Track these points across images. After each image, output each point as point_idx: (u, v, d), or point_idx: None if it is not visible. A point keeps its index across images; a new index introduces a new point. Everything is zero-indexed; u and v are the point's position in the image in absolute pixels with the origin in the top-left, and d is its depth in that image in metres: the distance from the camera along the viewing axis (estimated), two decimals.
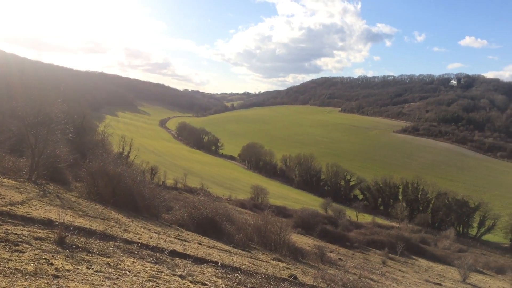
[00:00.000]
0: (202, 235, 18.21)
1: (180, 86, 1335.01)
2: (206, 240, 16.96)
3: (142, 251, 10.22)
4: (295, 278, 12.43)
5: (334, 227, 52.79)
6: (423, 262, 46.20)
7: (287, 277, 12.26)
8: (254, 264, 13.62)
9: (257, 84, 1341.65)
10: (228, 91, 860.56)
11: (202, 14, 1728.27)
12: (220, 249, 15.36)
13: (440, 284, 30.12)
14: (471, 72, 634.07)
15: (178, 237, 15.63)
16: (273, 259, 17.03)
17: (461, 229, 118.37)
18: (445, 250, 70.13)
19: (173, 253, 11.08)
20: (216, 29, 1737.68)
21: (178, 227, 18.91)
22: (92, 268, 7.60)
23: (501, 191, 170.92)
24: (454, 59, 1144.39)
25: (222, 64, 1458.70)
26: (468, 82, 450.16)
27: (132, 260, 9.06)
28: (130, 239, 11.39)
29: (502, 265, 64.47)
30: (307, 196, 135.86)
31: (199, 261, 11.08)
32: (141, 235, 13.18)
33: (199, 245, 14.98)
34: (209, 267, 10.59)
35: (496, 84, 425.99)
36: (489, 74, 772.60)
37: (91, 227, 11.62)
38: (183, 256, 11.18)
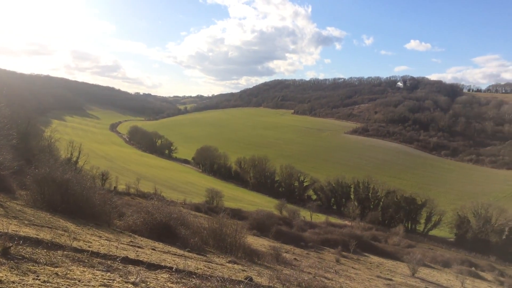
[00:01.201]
0: (156, 241, 17.86)
1: (131, 89, 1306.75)
2: (160, 246, 16.66)
3: (93, 259, 9.89)
4: (251, 280, 12.45)
5: (289, 228, 53.42)
6: (375, 259, 47.61)
7: (243, 279, 12.25)
8: (209, 268, 13.51)
9: (210, 86, 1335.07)
10: (181, 94, 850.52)
11: (152, 16, 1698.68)
12: (175, 254, 15.14)
13: (390, 279, 31.15)
14: (416, 74, 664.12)
15: (131, 243, 15.25)
16: (229, 261, 16.97)
17: (409, 225, 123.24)
18: (395, 246, 72.67)
19: (126, 260, 10.79)
20: (167, 31, 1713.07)
21: (131, 233, 18.44)
22: (39, 279, 7.27)
23: (445, 188, 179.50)
24: (400, 62, 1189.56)
25: (174, 67, 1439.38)
26: (414, 84, 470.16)
27: (82, 269, 8.74)
28: (79, 248, 10.99)
29: (448, 259, 67.69)
30: (262, 198, 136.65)
31: (153, 267, 10.86)
32: (91, 243, 12.75)
33: (153, 250, 14.69)
34: (163, 272, 10.40)
35: (439, 86, 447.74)
36: (433, 76, 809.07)
37: (37, 236, 11.11)
38: (136, 262, 10.92)
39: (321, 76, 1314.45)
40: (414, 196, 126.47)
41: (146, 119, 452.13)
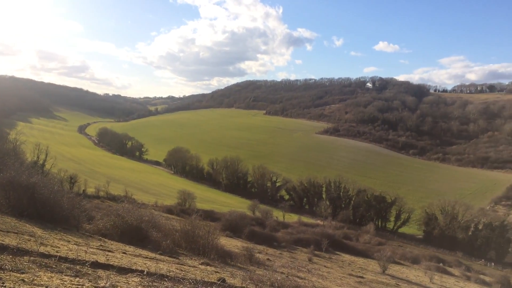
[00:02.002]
0: (127, 244, 17.57)
1: (100, 90, 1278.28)
2: (131, 249, 16.40)
3: (61, 265, 9.65)
4: (224, 281, 12.42)
5: (262, 228, 53.56)
6: (346, 257, 48.30)
7: (215, 281, 12.21)
8: (182, 270, 13.40)
9: (181, 87, 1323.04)
10: (151, 95, 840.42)
11: (121, 16, 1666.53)
12: (146, 257, 14.93)
13: (362, 277, 31.65)
14: (384, 75, 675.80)
15: (101, 247, 14.96)
16: (202, 263, 16.88)
17: (380, 223, 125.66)
18: (366, 244, 73.95)
19: (95, 265, 10.57)
20: (137, 32, 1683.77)
21: (100, 237, 18.08)
22: (5, 286, 7.05)
23: (414, 186, 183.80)
24: (369, 62, 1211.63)
25: (144, 68, 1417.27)
26: (382, 85, 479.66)
27: (49, 274, 8.51)
28: (47, 253, 10.70)
29: (417, 255, 69.47)
30: (235, 199, 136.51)
31: (123, 271, 10.68)
32: (59, 247, 12.43)
33: (123, 254, 14.45)
34: (135, 276, 10.25)
35: (407, 86, 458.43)
36: (401, 77, 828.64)
37: (2, 242, 10.75)
38: (106, 267, 10.72)
39: (293, 77, 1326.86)
40: (384, 195, 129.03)
41: (116, 121, 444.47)
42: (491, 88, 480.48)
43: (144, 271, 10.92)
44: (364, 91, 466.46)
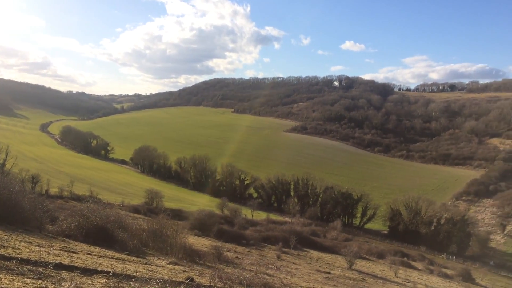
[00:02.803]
0: (93, 245, 17.18)
1: (63, 87, 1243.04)
2: (97, 250, 16.05)
3: (23, 267, 9.33)
4: (192, 280, 12.34)
5: (230, 227, 53.53)
6: (314, 253, 48.91)
7: (183, 280, 12.11)
8: (149, 270, 13.22)
9: (148, 85, 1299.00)
10: (117, 93, 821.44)
11: (84, 11, 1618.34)
12: (112, 258, 14.65)
13: (329, 273, 32.14)
14: (351, 74, 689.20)
15: (65, 248, 14.56)
16: (170, 263, 16.71)
17: (346, 219, 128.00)
18: (333, 240, 75.16)
19: (59, 266, 10.29)
20: (102, 28, 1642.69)
21: (64, 238, 17.59)
22: None
23: (379, 182, 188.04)
24: (336, 61, 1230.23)
25: (109, 64, 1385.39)
26: (349, 84, 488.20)
27: (10, 277, 8.23)
28: (8, 255, 10.33)
29: (382, 251, 71.16)
30: (203, 197, 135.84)
31: (88, 272, 10.44)
32: (21, 249, 12.02)
33: (88, 255, 14.12)
34: (100, 277, 10.03)
35: (372, 85, 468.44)
36: (367, 76, 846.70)
37: None
38: (70, 268, 10.44)
39: (261, 75, 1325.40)
40: (351, 192, 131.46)
41: (80, 119, 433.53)
42: (452, 87, 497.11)
43: (110, 272, 10.71)
44: (331, 89, 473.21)
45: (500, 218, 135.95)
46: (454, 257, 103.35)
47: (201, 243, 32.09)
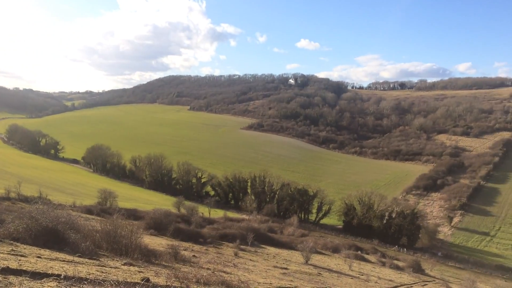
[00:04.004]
0: (42, 248, 16.51)
1: (8, 83, 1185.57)
2: (47, 253, 15.45)
3: None
4: (148, 280, 12.15)
5: (187, 225, 52.95)
6: (271, 250, 49.36)
7: (139, 281, 11.90)
8: (103, 272, 12.88)
9: (100, 82, 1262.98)
10: (67, 90, 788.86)
11: (31, 4, 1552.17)
12: (64, 261, 14.15)
13: (286, 268, 32.54)
14: (306, 72, 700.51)
15: (12, 252, 13.91)
16: (124, 264, 16.35)
17: (303, 215, 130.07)
18: (290, 236, 76.19)
19: (6, 271, 9.83)
20: (50, 22, 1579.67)
21: (12, 242, 16.80)
22: None
23: (334, 178, 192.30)
24: (292, 59, 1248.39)
25: (59, 60, 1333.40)
26: (304, 81, 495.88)
27: None
28: None
29: (337, 245, 72.94)
30: (159, 196, 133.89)
31: (38, 276, 10.04)
32: None
33: (38, 258, 13.56)
34: (51, 281, 9.67)
35: (327, 83, 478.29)
36: (321, 74, 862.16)
37: None
38: (19, 272, 10.00)
39: (217, 73, 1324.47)
40: (307, 188, 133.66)
41: (27, 117, 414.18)
42: (402, 86, 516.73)
43: (61, 275, 10.35)
44: (287, 87, 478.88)
45: (447, 210, 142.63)
46: (405, 249, 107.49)
47: (157, 242, 31.59)
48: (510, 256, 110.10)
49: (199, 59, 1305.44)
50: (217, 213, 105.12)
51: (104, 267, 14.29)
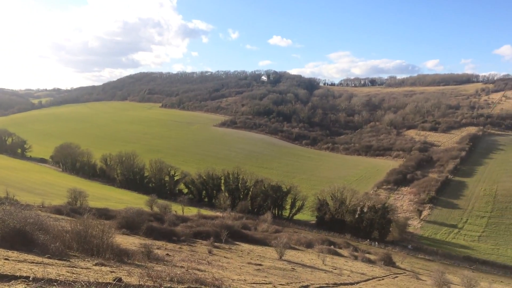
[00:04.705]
0: (10, 249, 16.06)
1: None
2: (15, 254, 15.03)
3: None
4: (120, 280, 11.98)
5: (160, 224, 52.47)
6: (246, 246, 49.47)
7: (111, 281, 11.72)
8: (73, 273, 12.62)
9: (68, 79, 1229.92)
10: (34, 87, 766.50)
11: None
12: (32, 262, 13.80)
13: (260, 264, 32.69)
14: (279, 68, 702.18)
15: None
16: (96, 264, 16.08)
17: (276, 211, 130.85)
18: (264, 232, 76.61)
19: None
20: (15, 17, 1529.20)
21: None
22: None
23: (307, 174, 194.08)
24: (264, 56, 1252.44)
25: (25, 57, 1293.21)
26: (276, 78, 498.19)
27: None
28: None
29: (311, 240, 73.79)
30: (131, 195, 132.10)
31: (5, 278, 9.76)
32: None
33: (5, 260, 13.18)
34: (19, 283, 9.42)
35: (299, 80, 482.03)
36: (294, 71, 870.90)
37: None
38: None
39: (189, 69, 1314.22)
40: (280, 184, 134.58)
41: None
42: (373, 82, 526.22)
43: (29, 277, 10.09)
44: (259, 84, 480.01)
45: (416, 204, 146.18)
46: (376, 243, 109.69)
47: (130, 242, 31.18)
48: (477, 248, 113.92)
49: (171, 56, 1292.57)
50: (191, 211, 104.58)
51: (74, 268, 14.02)
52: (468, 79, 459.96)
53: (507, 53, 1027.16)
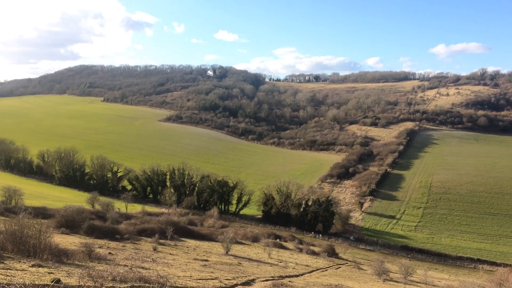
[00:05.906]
0: None
1: None
2: None
3: None
4: (59, 281, 11.51)
5: (103, 222, 50.89)
6: (192, 242, 49.16)
7: (49, 283, 11.23)
8: (7, 276, 11.96)
9: (1, 71, 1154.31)
10: None
11: None
12: None
13: (206, 260, 32.62)
14: (225, 63, 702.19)
15: None
16: (32, 265, 15.33)
17: (223, 207, 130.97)
18: (210, 228, 76.41)
19: None
20: None
21: None
22: None
23: (253, 169, 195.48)
24: (210, 50, 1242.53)
25: None
26: (223, 73, 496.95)
27: None
28: None
29: (257, 234, 74.56)
30: (71, 193, 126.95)
31: None
32: None
33: None
34: None
35: (245, 75, 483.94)
36: (240, 66, 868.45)
37: None
38: None
39: (132, 63, 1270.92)
40: (226, 179, 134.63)
41: None
42: (317, 78, 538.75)
43: None
44: (205, 78, 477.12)
45: (358, 197, 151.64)
46: (320, 235, 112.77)
47: (70, 241, 30.01)
48: (414, 237, 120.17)
49: (113, 49, 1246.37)
50: (135, 208, 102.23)
51: (9, 270, 13.31)
52: (405, 77, 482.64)
53: (441, 52, 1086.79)
